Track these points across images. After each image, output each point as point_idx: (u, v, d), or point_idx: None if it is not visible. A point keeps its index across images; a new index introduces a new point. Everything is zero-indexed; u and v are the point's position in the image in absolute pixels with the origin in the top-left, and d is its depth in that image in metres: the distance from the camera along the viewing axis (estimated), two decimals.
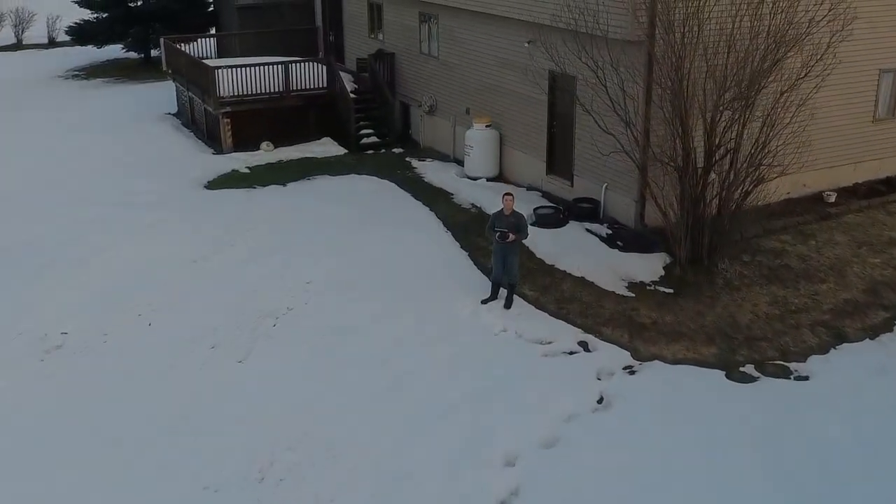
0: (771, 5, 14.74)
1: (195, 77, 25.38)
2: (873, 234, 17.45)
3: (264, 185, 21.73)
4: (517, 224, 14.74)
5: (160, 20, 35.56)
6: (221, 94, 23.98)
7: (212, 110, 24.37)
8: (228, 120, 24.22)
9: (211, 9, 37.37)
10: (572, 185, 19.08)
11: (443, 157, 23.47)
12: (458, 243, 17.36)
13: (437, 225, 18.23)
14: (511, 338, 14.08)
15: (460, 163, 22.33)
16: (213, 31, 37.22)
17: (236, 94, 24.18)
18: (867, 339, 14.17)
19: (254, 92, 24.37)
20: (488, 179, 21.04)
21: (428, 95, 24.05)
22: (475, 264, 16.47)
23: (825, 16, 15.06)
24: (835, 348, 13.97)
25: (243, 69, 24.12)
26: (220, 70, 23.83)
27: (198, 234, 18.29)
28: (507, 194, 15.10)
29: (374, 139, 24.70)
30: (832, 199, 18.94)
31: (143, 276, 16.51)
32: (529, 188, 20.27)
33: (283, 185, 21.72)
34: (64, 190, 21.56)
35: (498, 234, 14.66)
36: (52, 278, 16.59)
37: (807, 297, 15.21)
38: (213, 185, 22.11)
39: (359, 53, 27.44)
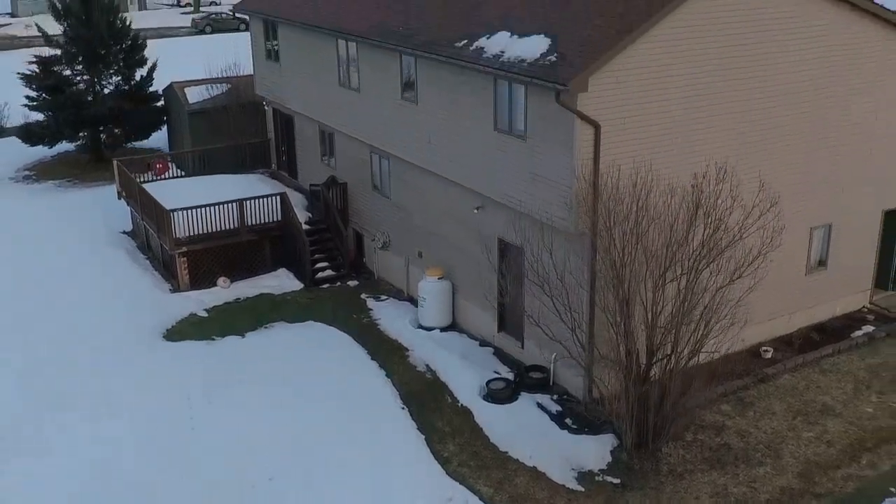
0: (705, 216, 15.64)
1: (151, 212, 25.70)
2: (808, 399, 18.42)
3: (223, 336, 22.13)
4: None
5: (111, 120, 35.73)
6: (178, 235, 24.36)
7: (168, 250, 24.72)
8: (185, 259, 24.61)
9: (161, 102, 37.47)
10: (523, 348, 19.82)
11: (397, 293, 24.12)
12: (414, 424, 17.98)
13: (394, 399, 18.82)
14: None
15: (414, 302, 22.96)
16: (164, 128, 37.47)
17: (192, 233, 24.57)
18: None
19: (209, 230, 24.78)
20: (442, 330, 21.71)
21: (381, 231, 24.67)
22: (432, 453, 17.09)
23: (754, 223, 16.05)
24: None
25: (199, 210, 24.50)
26: (176, 213, 24.19)
27: (158, 408, 18.62)
28: None
29: (329, 272, 25.25)
30: (769, 354, 19.92)
31: (110, 467, 16.78)
32: (482, 343, 20.98)
33: (242, 335, 22.15)
34: (7, 340, 21.82)
35: None
36: (16, 472, 16.82)
37: (745, 484, 16.09)
38: (171, 334, 22.45)
39: (311, 173, 28.00)
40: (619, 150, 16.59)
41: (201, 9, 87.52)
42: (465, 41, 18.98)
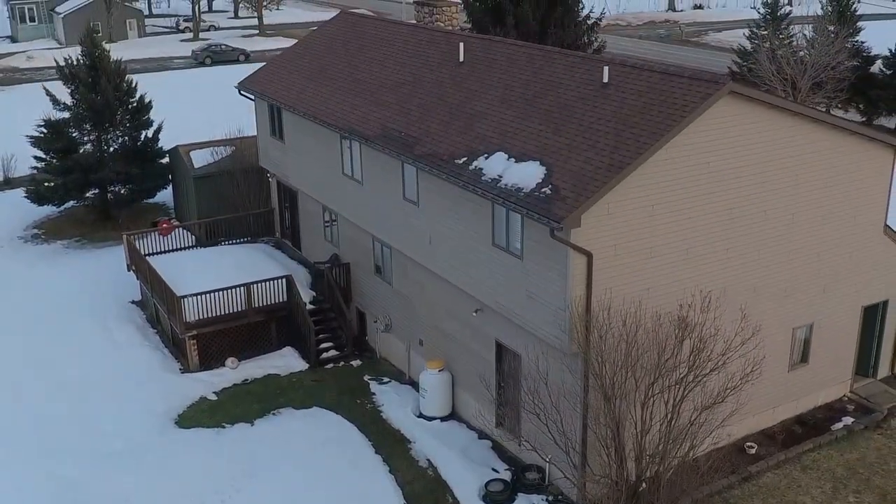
0: (692, 342, 16.72)
1: (161, 292, 26.67)
2: (789, 500, 19.44)
3: (232, 424, 23.13)
4: None
5: (117, 182, 36.78)
6: (188, 319, 25.37)
7: (179, 333, 25.72)
8: (195, 341, 25.61)
9: (166, 159, 38.41)
10: (519, 445, 20.86)
11: (398, 376, 25.16)
12: None
13: (397, 500, 19.83)
14: None
15: (415, 385, 23.99)
16: (169, 186, 38.44)
17: (202, 317, 25.57)
18: None
19: (218, 313, 25.78)
20: (442, 419, 22.76)
21: (384, 314, 25.68)
22: None
23: (736, 350, 17.14)
24: None
25: (209, 296, 25.50)
26: (186, 299, 25.19)
27: None
28: None
29: (333, 352, 26.27)
30: (753, 450, 20.96)
31: None
32: (481, 436, 22.02)
33: (251, 423, 23.14)
34: (21, 425, 22.72)
35: None
36: None
37: None
38: (182, 420, 23.43)
39: (314, 246, 29.04)
40: (611, 275, 17.65)
41: (200, 35, 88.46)
42: (465, 158, 20.02)
